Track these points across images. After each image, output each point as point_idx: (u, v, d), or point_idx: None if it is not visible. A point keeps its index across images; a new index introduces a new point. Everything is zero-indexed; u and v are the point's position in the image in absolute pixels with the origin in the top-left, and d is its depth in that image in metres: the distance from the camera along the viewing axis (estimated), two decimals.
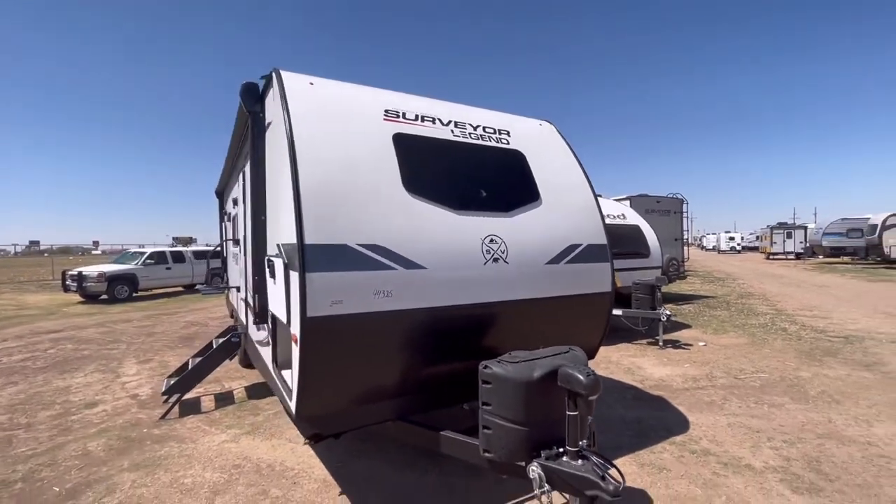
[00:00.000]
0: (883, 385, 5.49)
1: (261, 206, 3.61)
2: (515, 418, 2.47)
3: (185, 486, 3.41)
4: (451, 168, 3.33)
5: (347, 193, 2.77)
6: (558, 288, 3.49)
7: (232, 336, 5.25)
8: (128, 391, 5.76)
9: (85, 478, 3.57)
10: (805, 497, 3.17)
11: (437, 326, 2.95)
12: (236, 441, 4.19)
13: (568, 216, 3.71)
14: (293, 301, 2.62)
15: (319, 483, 3.43)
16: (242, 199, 5.19)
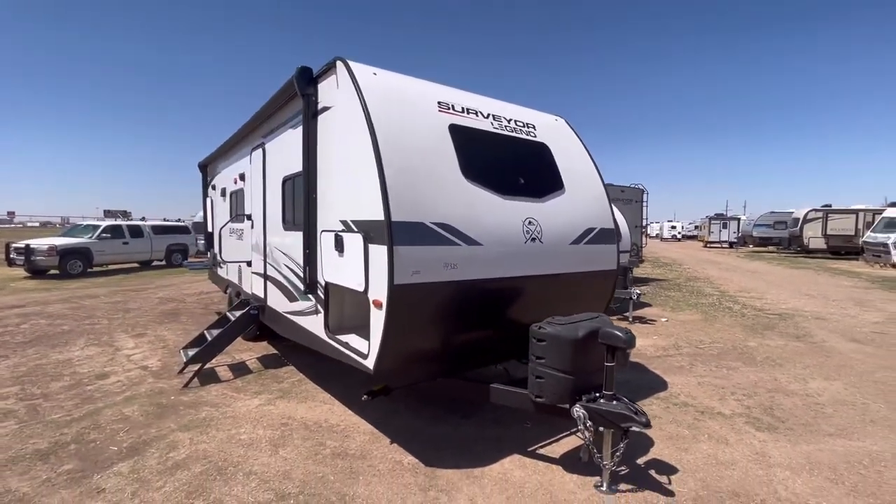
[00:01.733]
0: (812, 352, 6.61)
1: (312, 184, 3.86)
2: (564, 369, 3.01)
3: (244, 441, 3.70)
4: (495, 157, 3.76)
5: (419, 177, 3.13)
6: (578, 265, 4.05)
7: (251, 309, 5.42)
8: (135, 363, 5.79)
9: (138, 437, 3.75)
10: (765, 433, 3.97)
11: (487, 295, 3.41)
12: (272, 404, 4.48)
13: (585, 203, 4.26)
14: (375, 271, 2.98)
15: (368, 435, 3.83)
16: (262, 176, 5.33)
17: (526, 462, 3.43)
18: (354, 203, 3.27)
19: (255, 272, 5.78)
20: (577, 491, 3.06)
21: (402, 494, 2.99)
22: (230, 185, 7.16)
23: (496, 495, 3.00)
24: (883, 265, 19.29)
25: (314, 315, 4.03)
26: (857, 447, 3.74)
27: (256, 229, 5.72)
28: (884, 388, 5.09)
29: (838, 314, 9.41)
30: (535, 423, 4.05)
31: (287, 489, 3.03)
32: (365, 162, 3.07)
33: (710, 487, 3.12)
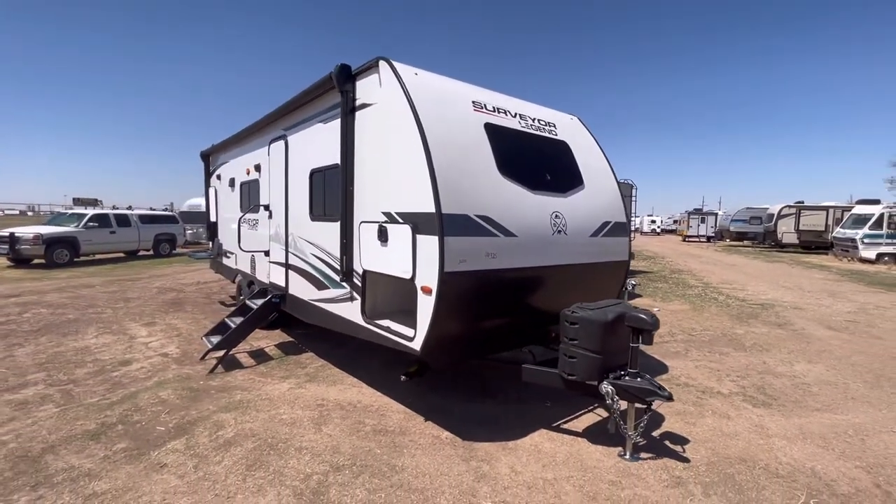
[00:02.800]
0: (794, 338, 7.14)
1: (349, 178, 4.05)
2: (594, 349, 3.32)
3: (286, 420, 3.91)
4: (524, 154, 4.01)
5: (463, 172, 3.37)
6: (596, 255, 4.36)
7: (272, 297, 5.58)
8: (155, 350, 5.88)
9: (181, 419, 3.92)
10: (761, 409, 4.39)
11: (520, 283, 3.69)
12: (303, 387, 4.68)
13: (602, 198, 4.57)
14: (424, 259, 3.22)
15: (402, 414, 4.08)
16: (283, 168, 5.46)
17: (553, 436, 3.74)
18: (400, 196, 3.48)
19: (275, 261, 5.92)
20: (604, 459, 3.39)
21: (447, 464, 3.26)
22: (241, 175, 7.23)
23: (532, 464, 3.30)
24: (850, 259, 20.42)
25: (348, 302, 4.24)
26: (842, 420, 4.18)
27: (276, 220, 5.85)
28: (860, 370, 5.59)
29: (814, 304, 10.06)
30: (554, 402, 4.37)
31: (339, 461, 3.27)
32: (413, 158, 3.29)
33: (720, 454, 3.49)
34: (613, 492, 2.98)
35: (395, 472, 3.15)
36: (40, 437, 3.55)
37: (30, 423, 3.76)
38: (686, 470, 3.26)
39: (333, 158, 4.39)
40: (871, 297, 11.05)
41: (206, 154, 9.24)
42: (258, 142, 6.48)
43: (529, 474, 3.16)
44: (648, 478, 3.15)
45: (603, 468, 3.26)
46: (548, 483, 3.06)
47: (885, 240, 19.70)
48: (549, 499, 2.90)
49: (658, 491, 3.00)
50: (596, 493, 2.96)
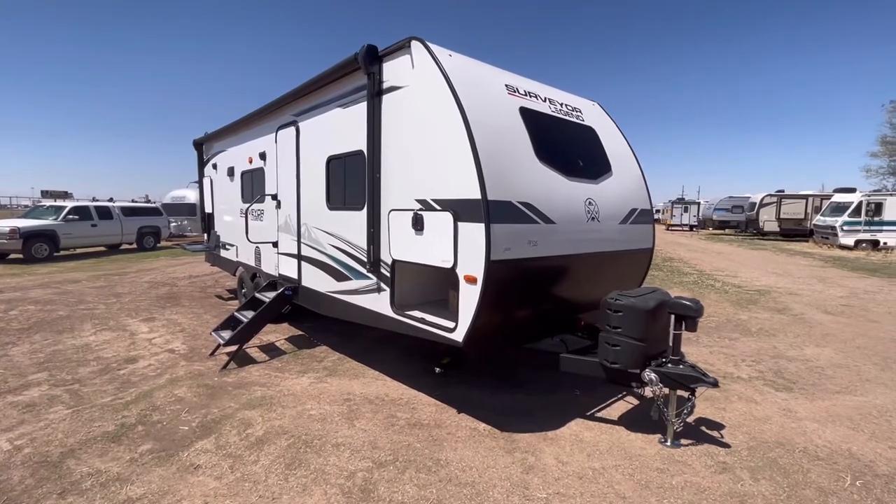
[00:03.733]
0: (796, 323, 7.29)
1: (376, 164, 3.89)
2: (638, 336, 3.27)
3: (316, 416, 3.78)
4: (557, 139, 3.91)
5: (504, 158, 3.26)
6: (625, 243, 4.32)
7: (286, 290, 5.39)
8: (160, 347, 5.64)
9: (203, 417, 3.75)
10: (784, 393, 4.44)
11: (558, 271, 3.61)
12: (324, 382, 4.54)
13: (629, 184, 4.52)
14: (468, 248, 3.11)
15: (433, 406, 4.00)
16: (294, 155, 5.26)
17: (590, 425, 3.70)
18: (437, 183, 3.35)
19: (285, 253, 5.72)
20: (647, 447, 3.37)
21: (491, 457, 3.19)
22: (242, 164, 6.96)
23: (577, 453, 3.25)
24: (830, 246, 21.08)
25: (374, 293, 4.11)
26: (863, 402, 4.26)
27: (286, 210, 5.65)
28: (867, 353, 5.73)
29: (807, 290, 10.32)
30: (583, 390, 4.34)
31: (381, 457, 3.16)
32: (454, 143, 3.16)
33: (757, 439, 3.51)
34: (664, 479, 2.96)
35: (440, 467, 3.06)
36: (57, 440, 3.34)
37: (42, 427, 3.54)
38: (729, 455, 3.27)
39: (355, 144, 4.22)
40: (858, 283, 11.39)
41: (200, 143, 8.88)
42: (262, 129, 6.22)
43: (577, 464, 3.11)
44: (694, 464, 3.15)
45: (647, 456, 3.24)
46: (597, 473, 3.02)
47: (862, 227, 20.38)
48: (603, 488, 2.86)
49: (707, 477, 2.99)
50: (647, 481, 2.93)
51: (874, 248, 19.69)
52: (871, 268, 14.33)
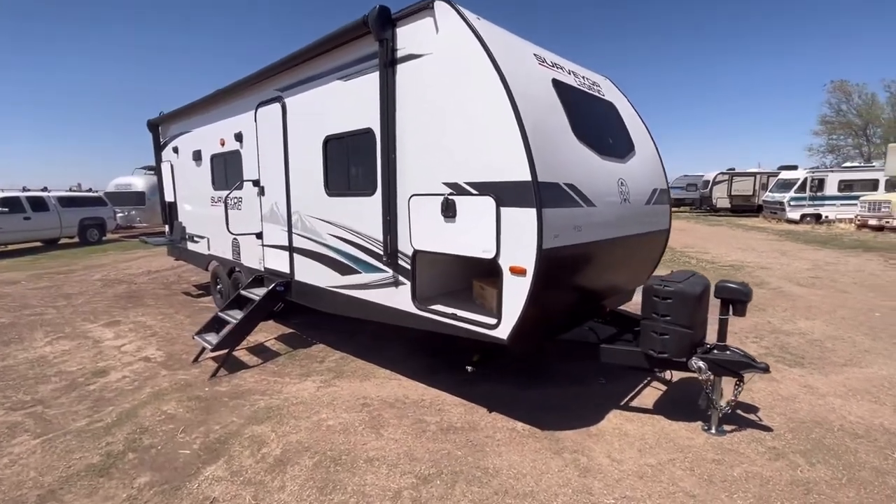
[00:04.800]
0: (779, 296, 7.55)
1: (391, 144, 3.47)
2: (687, 324, 3.11)
3: (336, 427, 3.40)
4: (588, 115, 3.63)
5: (546, 134, 2.94)
6: (649, 225, 4.15)
7: (277, 286, 4.88)
8: (132, 355, 5.01)
9: (205, 437, 3.28)
10: (797, 369, 4.50)
11: (596, 257, 3.38)
12: (333, 385, 4.15)
13: (649, 163, 4.33)
14: (514, 236, 2.80)
15: (461, 407, 3.71)
16: (281, 136, 4.71)
17: (629, 416, 3.55)
18: (473, 163, 2.99)
19: (272, 245, 5.18)
20: (693, 436, 3.25)
21: (541, 460, 2.96)
22: (211, 146, 6.24)
23: (627, 449, 3.08)
24: (779, 220, 22.39)
25: (390, 287, 3.73)
26: (871, 374, 4.37)
27: (271, 197, 5.09)
28: (853, 323, 5.97)
29: (775, 264, 10.80)
30: (609, 379, 4.20)
31: (423, 471, 2.86)
32: (496, 117, 2.80)
33: (794, 419, 3.48)
34: (724, 471, 2.84)
35: (490, 476, 2.80)
36: (30, 480, 2.80)
37: (7, 464, 2.97)
38: (776, 439, 3.20)
39: (362, 122, 3.77)
40: (815, 255, 12.07)
41: (156, 123, 7.95)
42: (237, 106, 5.55)
43: (632, 462, 2.94)
44: (747, 452, 3.05)
45: (698, 446, 3.12)
46: (656, 470, 2.86)
47: (807, 202, 21.73)
48: (668, 487, 2.69)
49: (764, 465, 2.90)
50: (709, 476, 2.80)
51: (817, 222, 21.08)
52: (821, 240, 15.28)
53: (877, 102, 31.33)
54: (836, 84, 32.82)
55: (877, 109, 31.25)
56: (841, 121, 32.92)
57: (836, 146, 33.87)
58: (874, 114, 31.27)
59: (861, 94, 31.93)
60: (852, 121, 32.41)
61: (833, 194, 21.63)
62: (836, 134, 33.46)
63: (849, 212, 19.83)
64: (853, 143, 32.97)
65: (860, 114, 31.89)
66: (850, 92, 32.27)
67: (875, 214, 17.27)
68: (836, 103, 33.05)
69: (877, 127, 31.43)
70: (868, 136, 32.05)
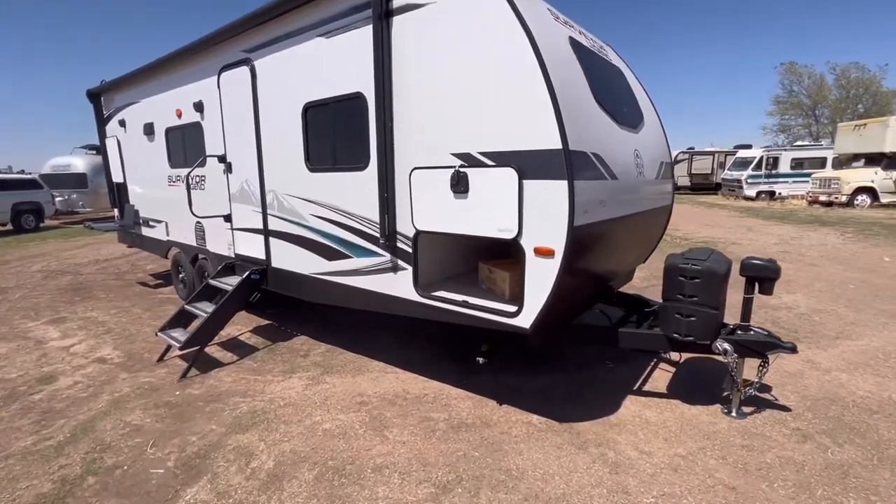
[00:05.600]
0: None
1: (388, 110, 3.04)
2: (715, 304, 2.93)
3: (333, 431, 3.03)
4: (604, 80, 3.32)
5: (572, 96, 2.60)
6: (658, 200, 3.94)
7: (251, 273, 4.38)
8: (85, 356, 4.40)
9: (181, 451, 2.84)
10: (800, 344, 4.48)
11: (615, 235, 3.12)
12: (323, 383, 3.75)
13: (656, 134, 4.10)
14: (540, 212, 2.48)
15: (467, 400, 3.42)
16: (251, 104, 4.16)
17: (646, 402, 3.38)
18: (490, 130, 2.62)
19: (243, 228, 4.65)
20: (716, 421, 3.11)
21: (566, 457, 2.72)
22: (165, 118, 5.53)
23: (654, 440, 2.90)
24: (737, 197, 23.28)
25: (388, 273, 3.34)
26: (864, 346, 4.41)
27: (241, 174, 4.53)
28: (831, 296, 6.10)
29: (744, 239, 11.09)
30: (616, 363, 4.02)
31: (440, 478, 2.55)
32: (520, 76, 2.43)
33: (808, 397, 3.41)
34: (757, 458, 2.70)
35: (516, 480, 2.53)
36: None
37: None
38: (797, 420, 3.11)
39: (350, 85, 3.30)
40: (778, 230, 12.52)
41: (97, 93, 7.03)
42: (195, 72, 4.88)
43: (661, 454, 2.75)
44: (773, 435, 2.94)
45: (723, 432, 2.98)
46: (688, 461, 2.68)
47: (763, 180, 22.65)
48: (705, 480, 2.52)
49: (795, 449, 2.79)
50: (743, 464, 2.65)
51: (771, 198, 22.04)
52: (779, 216, 15.94)
53: (825, 84, 32.94)
54: (787, 66, 34.21)
55: (825, 91, 32.86)
56: (793, 101, 34.44)
57: (788, 126, 35.51)
58: (822, 95, 32.88)
59: (810, 75, 33.46)
60: (802, 101, 33.97)
61: (786, 172, 22.61)
62: (787, 114, 35.03)
63: (800, 188, 20.79)
64: (803, 122, 34.65)
65: (809, 95, 33.46)
66: (800, 73, 33.73)
67: (825, 191, 18.16)
68: (788, 84, 34.52)
69: (824, 108, 33.11)
70: (816, 117, 33.75)
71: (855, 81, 31.97)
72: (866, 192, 17.04)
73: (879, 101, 30.81)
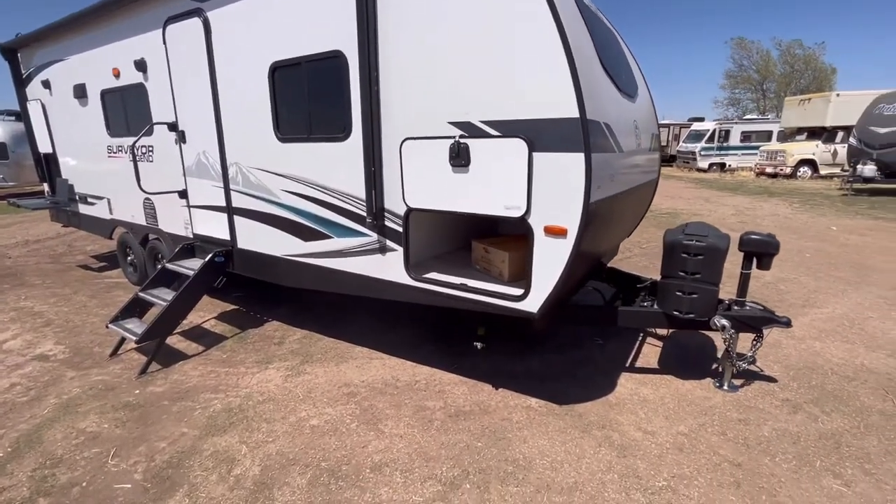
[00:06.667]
0: None
1: (373, 72, 2.69)
2: (716, 281, 2.89)
3: (322, 428, 2.79)
4: (604, 43, 3.08)
5: (585, 59, 2.37)
6: (649, 173, 3.85)
7: (215, 256, 3.95)
8: (22, 353, 3.88)
9: (148, 461, 2.52)
10: None
11: (617, 210, 2.98)
12: (304, 373, 3.48)
13: (648, 104, 3.96)
14: (552, 187, 2.28)
15: (463, 385, 3.27)
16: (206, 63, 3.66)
17: (641, 379, 3.35)
18: (496, 96, 2.35)
19: (203, 205, 4.18)
20: (710, 395, 3.13)
21: (572, 442, 2.64)
22: (102, 79, 4.83)
23: (655, 418, 2.87)
24: (691, 169, 24.18)
25: (375, 255, 3.07)
26: (830, 313, 4.62)
27: (196, 145, 4.03)
28: (792, 264, 6.38)
29: (704, 210, 11.48)
30: (605, 339, 3.98)
31: (445, 473, 2.40)
32: (531, 33, 2.17)
33: (790, 367, 3.51)
34: (755, 432, 2.73)
35: (524, 470, 2.42)
36: None
37: None
38: (785, 390, 3.18)
39: (327, 42, 2.91)
40: (732, 200, 13.09)
41: (12, 48, 6.05)
42: (135, 23, 4.22)
43: (665, 434, 2.72)
44: (765, 407, 2.99)
45: (718, 406, 3.00)
46: (691, 439, 2.67)
47: (714, 152, 23.58)
48: (711, 458, 2.51)
49: (787, 419, 2.84)
50: (743, 439, 2.66)
51: (722, 170, 23.04)
52: (731, 187, 16.68)
53: (771, 59, 34.36)
54: (737, 41, 35.33)
55: (771, 66, 34.31)
56: (742, 76, 35.81)
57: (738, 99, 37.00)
58: (769, 70, 34.33)
59: (758, 51, 34.76)
60: (751, 76, 35.38)
61: (736, 145, 23.61)
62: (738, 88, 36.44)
63: (749, 161, 21.80)
64: (752, 96, 36.20)
65: (758, 70, 34.84)
66: (749, 49, 34.96)
67: (771, 163, 19.11)
68: (738, 59, 35.75)
69: (771, 82, 34.66)
70: (764, 91, 35.32)
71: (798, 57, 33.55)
72: (808, 164, 18.08)
73: (819, 76, 32.58)
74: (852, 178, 13.34)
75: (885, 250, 6.99)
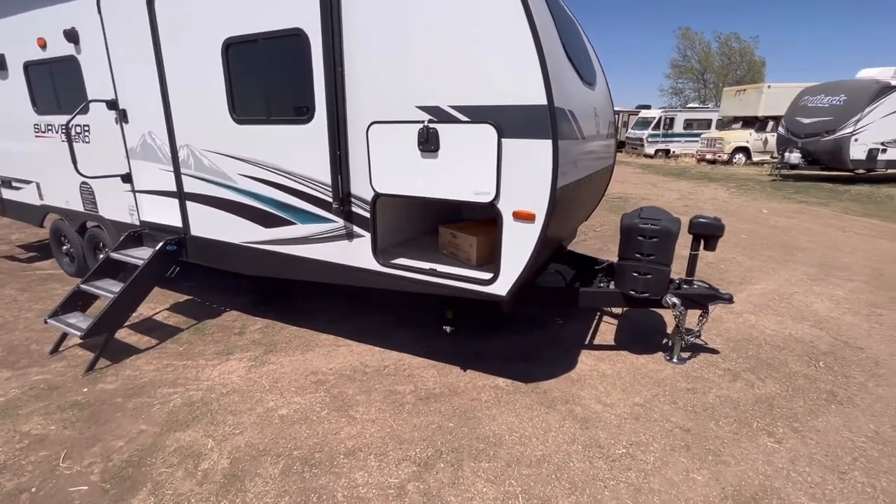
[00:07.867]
0: None
1: (337, 52, 2.61)
2: (668, 262, 3.08)
3: (291, 417, 2.76)
4: (567, 31, 3.13)
5: (550, 47, 2.40)
6: (605, 160, 4.00)
7: (167, 244, 3.73)
8: None
9: (105, 461, 2.40)
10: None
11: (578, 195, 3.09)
12: (268, 363, 3.40)
13: (606, 93, 4.09)
14: (521, 173, 2.32)
15: (432, 368, 3.32)
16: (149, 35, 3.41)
17: (599, 355, 3.54)
18: (464, 81, 2.35)
19: (150, 190, 3.92)
20: (661, 368, 3.36)
21: (538, 417, 2.77)
22: (25, 50, 4.36)
23: (613, 391, 3.05)
24: (639, 155, 25.28)
25: (342, 241, 3.02)
26: (763, 289, 5.06)
27: (140, 125, 3.76)
28: (730, 245, 6.86)
29: (652, 194, 12.09)
30: (565, 318, 4.16)
31: (419, 454, 2.45)
32: (502, 19, 2.17)
33: (730, 339, 3.83)
34: (701, 399, 2.97)
35: (495, 446, 2.52)
36: None
37: None
38: (725, 360, 3.48)
39: (286, 19, 2.79)
40: (677, 185, 13.85)
41: None
42: None
43: (623, 405, 2.91)
44: (710, 376, 3.25)
45: (669, 378, 3.23)
46: (646, 409, 2.87)
47: (661, 139, 24.75)
48: (663, 424, 2.72)
49: (728, 387, 3.12)
50: (692, 406, 2.90)
51: (667, 156, 24.26)
52: (674, 172, 17.61)
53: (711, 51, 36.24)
54: (683, 31, 36.96)
55: (711, 57, 36.22)
56: (686, 66, 37.56)
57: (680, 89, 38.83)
58: (709, 61, 36.23)
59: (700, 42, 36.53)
60: (694, 66, 37.19)
61: (679, 132, 24.88)
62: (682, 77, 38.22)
63: (691, 147, 23.05)
64: (694, 86, 38.11)
65: (700, 60, 36.67)
66: (693, 39, 36.67)
67: (711, 150, 20.33)
68: (683, 49, 37.43)
69: (711, 73, 36.61)
70: (705, 81, 37.28)
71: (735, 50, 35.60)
72: (742, 151, 19.40)
73: (753, 68, 34.77)
74: (780, 165, 14.48)
75: (808, 231, 7.69)
